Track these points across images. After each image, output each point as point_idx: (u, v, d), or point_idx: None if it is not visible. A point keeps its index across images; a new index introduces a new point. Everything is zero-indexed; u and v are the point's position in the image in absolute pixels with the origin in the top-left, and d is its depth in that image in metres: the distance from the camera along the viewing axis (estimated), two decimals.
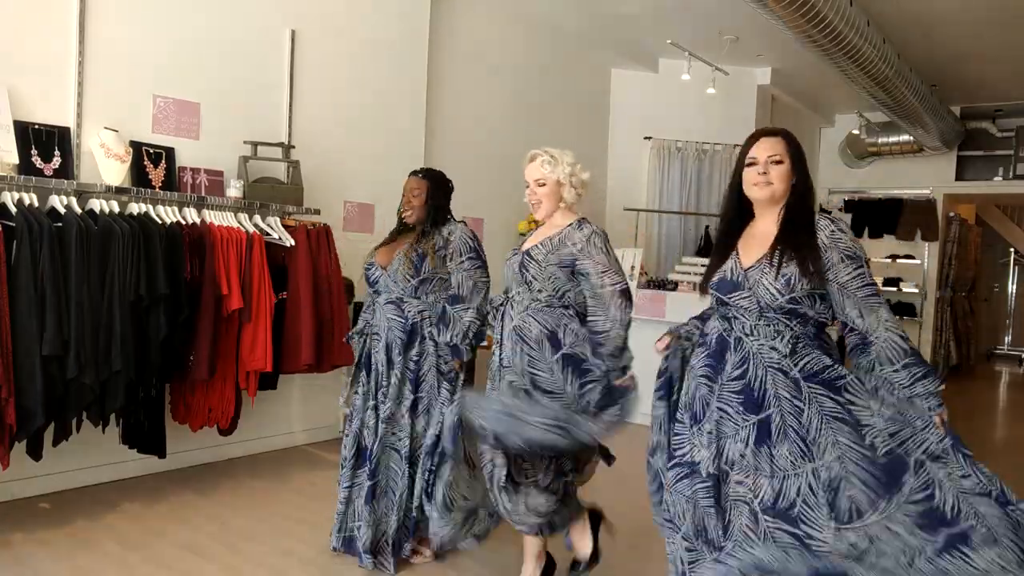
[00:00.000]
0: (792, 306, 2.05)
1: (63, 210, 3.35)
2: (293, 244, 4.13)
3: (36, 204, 3.30)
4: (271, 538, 3.30)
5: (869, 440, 1.96)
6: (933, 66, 7.14)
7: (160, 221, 3.67)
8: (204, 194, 4.11)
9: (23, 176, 3.38)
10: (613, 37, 6.93)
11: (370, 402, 3.08)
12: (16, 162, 3.43)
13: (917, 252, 9.30)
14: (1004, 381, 10.27)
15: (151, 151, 3.97)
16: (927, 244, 9.26)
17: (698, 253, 7.20)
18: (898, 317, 9.20)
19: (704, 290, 2.25)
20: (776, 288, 2.04)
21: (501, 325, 2.70)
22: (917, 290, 9.23)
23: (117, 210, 3.56)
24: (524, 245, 2.73)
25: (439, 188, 3.13)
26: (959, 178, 9.18)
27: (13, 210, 3.18)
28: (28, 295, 3.09)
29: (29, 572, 2.88)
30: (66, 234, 3.25)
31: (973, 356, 10.90)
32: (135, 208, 3.65)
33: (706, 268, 2.26)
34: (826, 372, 2.03)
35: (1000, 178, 9.01)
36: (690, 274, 5.95)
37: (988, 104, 8.70)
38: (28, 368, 3.09)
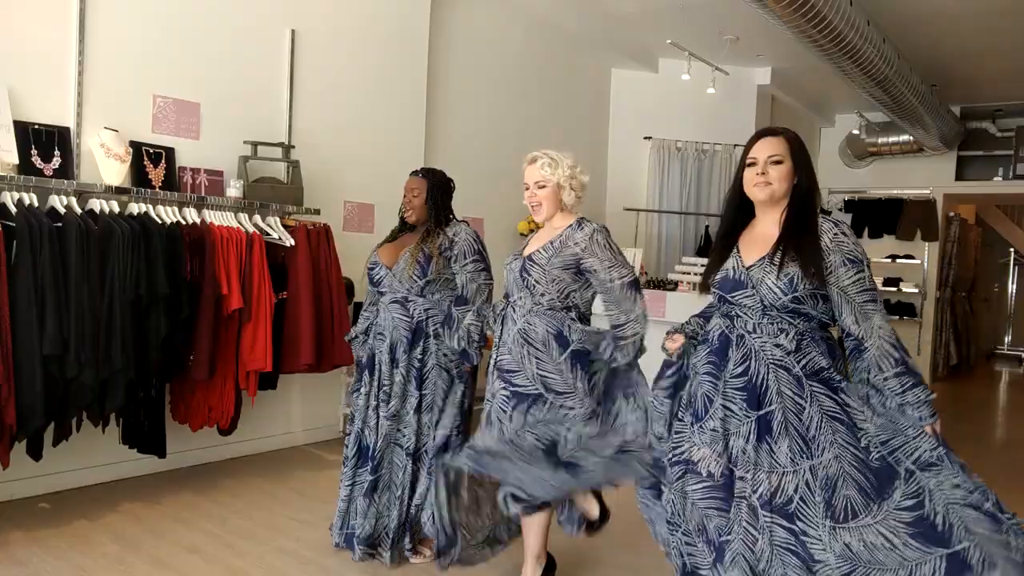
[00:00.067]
0: (795, 305, 2.05)
1: (63, 210, 3.35)
2: (293, 244, 4.14)
3: (36, 204, 3.30)
4: (271, 538, 3.30)
5: (864, 443, 1.98)
6: (933, 66, 7.14)
7: (160, 221, 3.67)
8: (204, 194, 4.11)
9: (23, 176, 3.38)
10: (613, 37, 6.93)
11: (372, 402, 3.08)
12: (16, 162, 3.43)
13: (917, 252, 9.30)
14: (1004, 381, 10.27)
15: (151, 151, 3.97)
16: (927, 244, 9.25)
17: (698, 253, 7.20)
18: (898, 317, 9.20)
19: (705, 288, 2.26)
20: (779, 287, 2.04)
21: (502, 329, 2.70)
22: (917, 290, 9.22)
23: (117, 210, 3.56)
24: (525, 250, 2.72)
25: (439, 187, 3.13)
26: (959, 178, 9.18)
27: (13, 210, 3.18)
28: (28, 295, 3.09)
29: (29, 572, 2.88)
30: (66, 234, 3.25)
31: (973, 356, 10.91)
32: (135, 208, 3.65)
33: (706, 266, 2.27)
34: (825, 372, 2.04)
35: (1000, 178, 9.00)
36: (690, 274, 5.94)
37: (988, 104, 8.70)
38: (28, 368, 3.09)
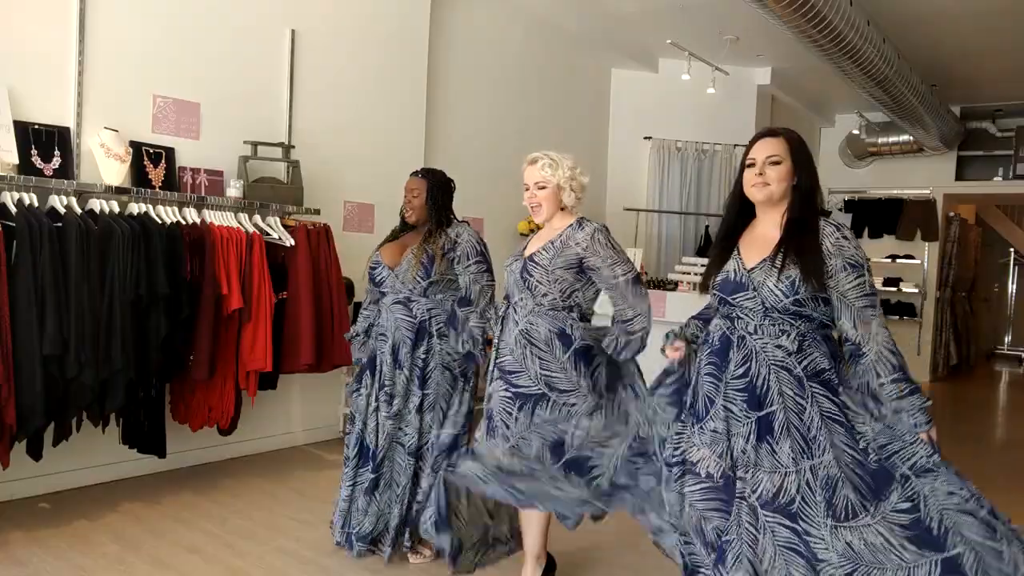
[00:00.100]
0: (797, 308, 2.05)
1: (63, 210, 3.35)
2: (293, 244, 4.14)
3: (36, 204, 3.30)
4: (271, 538, 3.30)
5: (863, 445, 1.99)
6: (933, 66, 7.15)
7: (160, 221, 3.67)
8: (204, 194, 4.11)
9: (23, 176, 3.38)
10: (613, 37, 6.93)
11: (373, 403, 3.08)
12: (16, 162, 3.43)
13: (917, 252, 9.30)
14: (1004, 381, 10.27)
15: (151, 151, 3.97)
16: (927, 244, 9.26)
17: (698, 253, 7.20)
18: (898, 317, 9.21)
19: (705, 288, 2.26)
20: (780, 290, 2.04)
21: (502, 331, 2.70)
22: (917, 290, 9.23)
23: (117, 210, 3.56)
24: (525, 251, 2.71)
25: (438, 188, 3.12)
26: (959, 178, 9.18)
27: (13, 210, 3.18)
28: (28, 295, 3.09)
29: (29, 572, 2.88)
30: (66, 234, 3.25)
31: (973, 356, 10.91)
32: (135, 208, 3.65)
33: (707, 267, 2.27)
34: (825, 374, 2.05)
35: (1000, 178, 9.01)
36: (690, 274, 5.94)
37: (988, 104, 8.71)
38: (28, 368, 3.09)
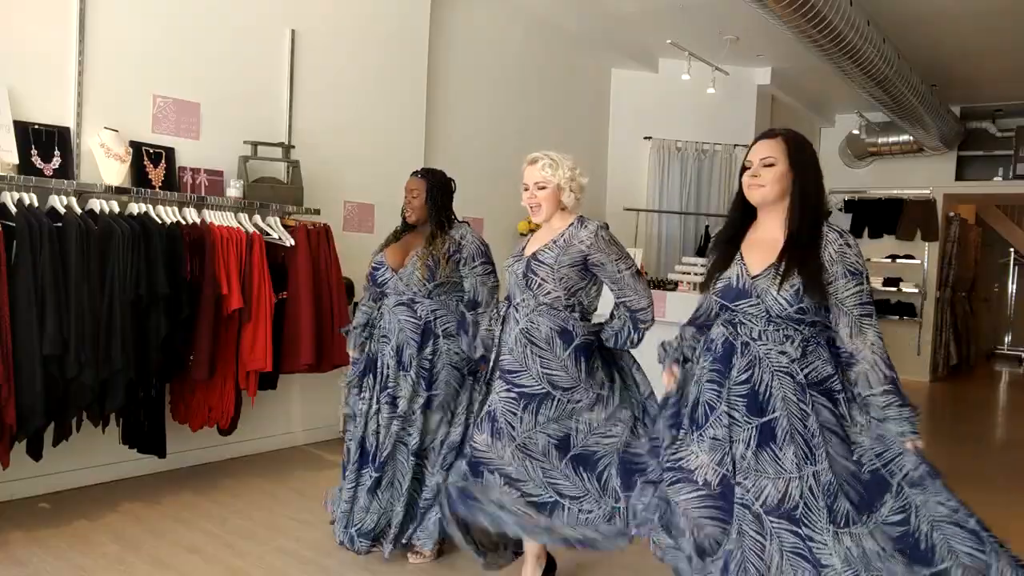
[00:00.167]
0: (800, 315, 2.05)
1: (63, 210, 3.35)
2: (293, 244, 4.14)
3: (36, 204, 3.30)
4: (271, 538, 3.30)
5: (856, 456, 2.00)
6: (933, 66, 7.15)
7: (160, 221, 3.67)
8: (204, 194, 4.11)
9: (23, 176, 3.38)
10: (613, 37, 6.93)
11: (375, 405, 3.08)
12: (16, 162, 3.43)
13: (917, 252, 9.30)
14: (1004, 381, 10.27)
15: (151, 151, 3.97)
16: (927, 244, 9.25)
17: (698, 253, 7.19)
18: (898, 317, 9.21)
19: (706, 288, 2.25)
20: (785, 299, 2.04)
21: (502, 331, 2.70)
22: (917, 290, 9.23)
23: (117, 210, 3.56)
24: (525, 250, 2.71)
25: (438, 188, 3.12)
26: (959, 178, 9.18)
27: (13, 210, 3.18)
28: (28, 295, 3.09)
29: (29, 572, 2.88)
30: (66, 234, 3.25)
31: (973, 356, 10.90)
32: (135, 208, 3.65)
33: (708, 268, 2.25)
34: (828, 383, 2.05)
35: (1000, 178, 9.01)
36: (690, 274, 5.94)
37: (988, 104, 8.71)
38: (28, 368, 3.09)
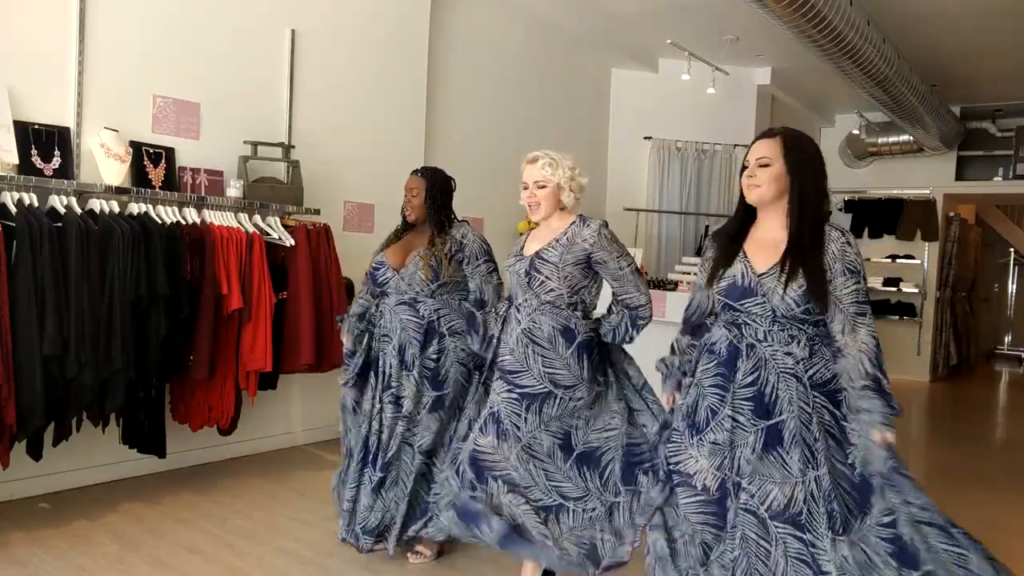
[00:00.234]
0: (805, 316, 2.05)
1: (63, 210, 3.35)
2: (293, 244, 4.14)
3: (36, 204, 3.30)
4: (271, 538, 3.30)
5: (852, 459, 2.00)
6: (933, 66, 7.15)
7: (160, 221, 3.67)
8: (204, 194, 4.11)
9: (23, 176, 3.38)
10: (613, 37, 6.93)
11: (377, 405, 3.08)
12: (16, 162, 3.43)
13: (917, 252, 9.30)
14: (1004, 381, 10.27)
15: (151, 151, 3.97)
16: (927, 244, 9.25)
17: (698, 253, 7.19)
18: (898, 317, 9.21)
19: (709, 286, 2.22)
20: (792, 298, 2.04)
21: (503, 331, 2.70)
22: (917, 290, 9.23)
23: (117, 210, 3.56)
24: (527, 249, 2.70)
25: (437, 186, 3.12)
26: (959, 178, 9.18)
27: (13, 210, 3.18)
28: (28, 295, 3.09)
29: (29, 572, 2.88)
30: (66, 234, 3.24)
31: (973, 356, 10.90)
32: (135, 208, 3.65)
33: (711, 262, 2.23)
34: (831, 383, 2.05)
35: (1000, 178, 9.01)
36: (690, 274, 5.94)
37: (988, 104, 8.71)
38: (28, 368, 3.09)
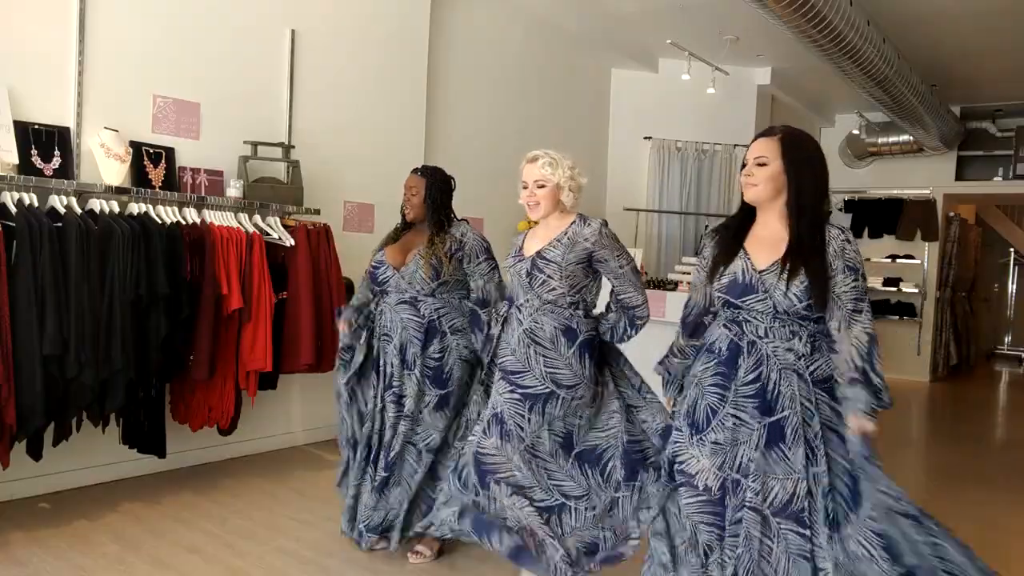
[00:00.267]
0: (807, 312, 2.06)
1: (63, 210, 3.35)
2: (293, 244, 4.14)
3: (36, 204, 3.29)
4: (271, 538, 3.30)
5: (850, 455, 2.00)
6: (933, 66, 7.15)
7: (160, 221, 3.67)
8: (204, 194, 4.11)
9: (23, 176, 3.38)
10: (613, 37, 6.93)
11: (379, 403, 3.08)
12: (16, 162, 3.43)
13: (917, 252, 9.30)
14: (1004, 381, 10.27)
15: (151, 151, 3.97)
16: (927, 244, 9.25)
17: (698, 253, 7.18)
18: (898, 317, 9.22)
19: (710, 282, 2.21)
20: (794, 294, 2.04)
21: (503, 331, 2.70)
22: (917, 290, 9.23)
23: (117, 210, 3.56)
24: (526, 249, 2.70)
25: (438, 186, 3.12)
26: (959, 178, 9.19)
27: (13, 210, 3.18)
28: (28, 295, 3.09)
29: (29, 572, 2.88)
30: (66, 234, 3.24)
31: (973, 356, 10.90)
32: (135, 208, 3.65)
33: (712, 258, 2.22)
34: (833, 380, 2.05)
35: (1000, 178, 9.01)
36: (690, 274, 5.94)
37: (988, 104, 8.71)
38: (28, 368, 3.09)
